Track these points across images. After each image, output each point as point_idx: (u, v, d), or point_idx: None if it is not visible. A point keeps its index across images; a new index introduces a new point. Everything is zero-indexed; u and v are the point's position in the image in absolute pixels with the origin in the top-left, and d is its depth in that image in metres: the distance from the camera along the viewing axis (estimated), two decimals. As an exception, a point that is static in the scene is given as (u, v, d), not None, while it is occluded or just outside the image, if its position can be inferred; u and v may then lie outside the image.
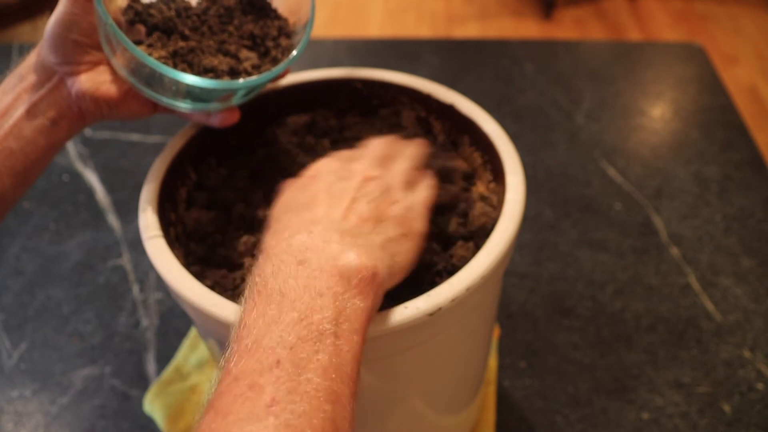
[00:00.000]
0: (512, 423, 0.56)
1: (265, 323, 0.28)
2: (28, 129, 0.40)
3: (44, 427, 0.58)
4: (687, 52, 1.00)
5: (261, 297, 0.29)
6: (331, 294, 0.29)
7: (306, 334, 0.27)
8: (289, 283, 0.29)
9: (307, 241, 0.31)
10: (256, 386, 0.26)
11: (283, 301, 0.28)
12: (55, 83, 0.41)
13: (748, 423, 0.54)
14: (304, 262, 0.30)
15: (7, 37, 1.97)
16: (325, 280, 0.29)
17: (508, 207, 0.39)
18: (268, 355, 0.27)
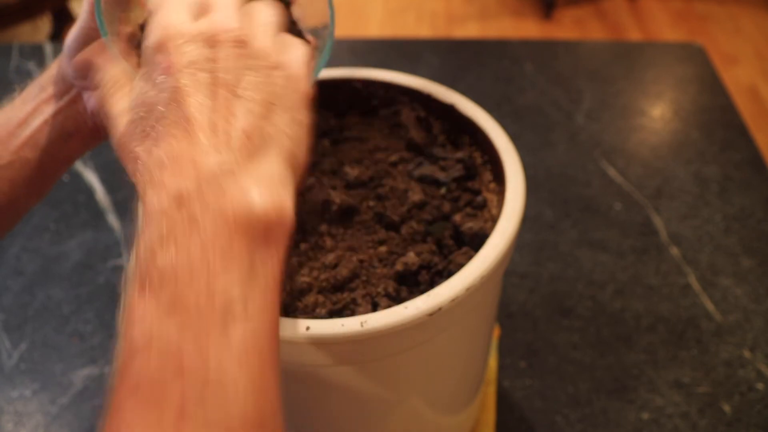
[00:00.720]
0: (512, 423, 0.56)
1: (159, 305, 0.24)
2: (44, 140, 0.40)
3: (44, 427, 0.58)
4: (687, 52, 1.00)
5: (152, 270, 0.24)
6: (236, 255, 0.25)
7: (211, 311, 0.24)
8: (182, 253, 0.24)
9: (193, 195, 0.25)
10: (161, 392, 0.22)
11: (177, 275, 0.24)
12: (73, 96, 0.41)
13: (748, 423, 0.54)
14: (196, 222, 0.25)
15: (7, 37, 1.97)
16: (226, 241, 0.25)
17: (507, 207, 0.39)
18: (168, 347, 0.23)
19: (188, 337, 0.23)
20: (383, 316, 0.33)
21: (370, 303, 0.38)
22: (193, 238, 0.24)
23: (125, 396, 0.23)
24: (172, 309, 0.23)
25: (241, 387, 0.23)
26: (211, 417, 0.22)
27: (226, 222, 0.25)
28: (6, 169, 0.39)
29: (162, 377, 0.23)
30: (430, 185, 0.46)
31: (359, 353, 0.35)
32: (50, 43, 1.09)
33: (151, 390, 0.23)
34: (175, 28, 0.29)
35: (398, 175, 0.46)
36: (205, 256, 0.24)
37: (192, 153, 0.26)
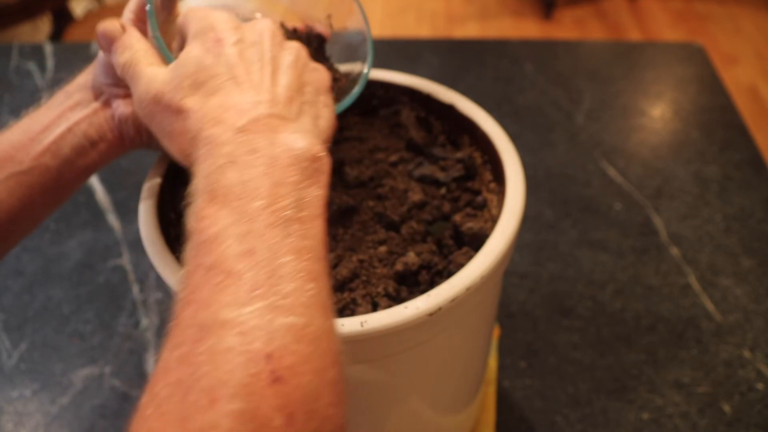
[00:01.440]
0: (512, 423, 0.56)
1: (230, 213, 0.27)
2: (66, 147, 0.40)
3: (44, 427, 0.58)
4: (687, 52, 1.00)
5: (220, 186, 0.28)
6: (290, 183, 0.28)
7: (273, 220, 0.27)
8: (247, 173, 0.28)
9: (253, 130, 0.30)
10: (233, 274, 0.25)
11: (244, 190, 0.27)
12: (101, 104, 0.41)
13: (748, 423, 0.54)
14: (256, 151, 0.29)
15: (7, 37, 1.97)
16: (282, 170, 0.28)
17: (507, 207, 0.39)
18: (239, 243, 0.26)
19: (256, 237, 0.26)
20: (383, 316, 0.33)
21: (370, 303, 0.38)
22: (257, 162, 0.28)
23: (200, 279, 0.25)
24: (241, 216, 0.26)
25: (304, 279, 0.26)
26: (280, 300, 0.25)
27: (283, 152, 0.29)
28: (25, 174, 0.39)
29: (236, 262, 0.25)
30: (430, 185, 0.46)
31: (359, 353, 0.35)
32: (50, 43, 1.09)
33: (225, 272, 0.25)
34: (224, 20, 0.34)
35: (398, 175, 0.46)
36: (267, 176, 0.28)
37: (247, 102, 0.31)
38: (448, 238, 0.42)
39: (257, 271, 0.25)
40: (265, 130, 0.30)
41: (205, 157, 0.29)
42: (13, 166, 0.38)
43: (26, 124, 0.40)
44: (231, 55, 0.32)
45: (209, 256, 0.26)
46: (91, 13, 2.18)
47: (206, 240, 0.26)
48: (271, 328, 0.24)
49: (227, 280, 0.25)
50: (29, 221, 0.41)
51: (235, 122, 0.30)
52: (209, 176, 0.28)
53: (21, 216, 0.39)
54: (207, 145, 0.30)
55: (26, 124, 0.40)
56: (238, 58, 0.32)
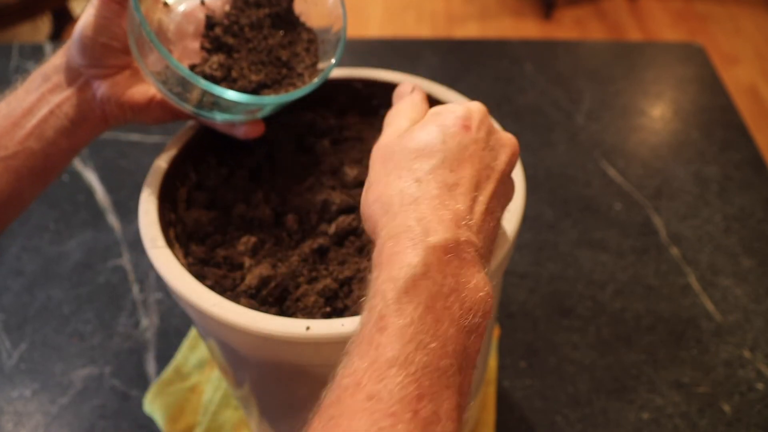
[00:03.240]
0: (512, 423, 0.56)
1: (403, 343, 0.24)
2: (50, 130, 0.40)
3: (44, 427, 0.58)
4: (687, 52, 1.00)
5: (409, 298, 0.25)
6: (465, 329, 0.26)
7: (439, 367, 0.25)
8: (438, 300, 0.26)
9: (449, 249, 0.27)
10: (394, 415, 0.23)
11: (426, 318, 0.25)
12: (81, 85, 0.41)
13: (748, 423, 0.54)
14: (445, 276, 0.26)
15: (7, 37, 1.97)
16: (464, 311, 0.26)
17: (507, 207, 0.39)
18: (406, 387, 0.24)
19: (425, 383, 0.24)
20: (383, 316, 0.33)
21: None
22: (442, 292, 0.26)
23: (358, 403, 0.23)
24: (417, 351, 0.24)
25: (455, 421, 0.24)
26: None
27: (463, 296, 0.26)
28: (11, 159, 0.39)
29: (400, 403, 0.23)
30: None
31: (359, 353, 0.35)
32: (50, 43, 1.09)
33: (388, 413, 0.23)
34: (480, 108, 0.33)
35: (398, 175, 0.46)
36: (447, 316, 0.26)
37: (449, 216, 0.28)
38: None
39: (413, 423, 0.23)
40: (455, 261, 0.27)
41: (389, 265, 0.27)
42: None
43: (5, 108, 0.40)
44: (466, 147, 0.31)
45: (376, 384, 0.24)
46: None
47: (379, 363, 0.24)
48: None
49: (384, 420, 0.23)
50: (19, 204, 0.41)
51: (436, 240, 0.27)
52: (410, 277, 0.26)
53: (10, 200, 0.40)
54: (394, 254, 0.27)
55: (6, 109, 0.40)
56: (473, 156, 0.31)
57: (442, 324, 0.25)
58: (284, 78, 0.43)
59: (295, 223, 0.44)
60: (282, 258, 0.41)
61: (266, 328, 0.33)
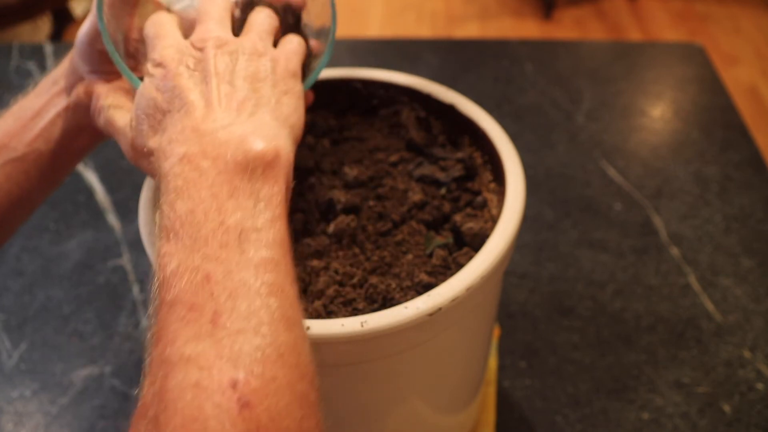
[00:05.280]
0: (512, 423, 0.56)
1: (184, 245, 0.27)
2: (57, 132, 0.40)
3: (44, 427, 0.58)
4: (687, 52, 1.00)
5: (173, 220, 0.28)
6: (241, 192, 0.28)
7: (226, 240, 0.27)
8: (194, 199, 0.28)
9: (193, 154, 0.29)
10: (194, 307, 0.25)
11: (194, 218, 0.27)
12: (84, 90, 0.41)
13: (748, 423, 0.54)
14: (202, 171, 0.29)
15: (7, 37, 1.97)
16: (230, 181, 0.28)
17: (507, 207, 0.39)
18: (196, 274, 0.26)
19: (211, 262, 0.26)
20: (383, 316, 0.33)
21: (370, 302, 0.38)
22: (201, 184, 0.28)
23: (165, 315, 0.26)
24: (194, 244, 0.27)
25: (264, 295, 0.26)
26: (241, 323, 0.25)
27: (226, 165, 0.29)
28: (21, 161, 0.40)
29: (194, 294, 0.26)
30: (430, 185, 0.46)
31: (359, 353, 0.35)
32: (50, 43, 1.09)
33: (186, 306, 0.25)
34: (169, 46, 0.34)
35: (398, 175, 0.46)
36: (214, 196, 0.28)
37: (193, 124, 0.30)
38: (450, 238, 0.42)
39: (215, 298, 0.25)
40: (209, 144, 0.29)
41: (162, 194, 0.29)
42: (8, 153, 0.39)
43: (17, 111, 0.41)
44: (177, 85, 0.32)
45: (170, 292, 0.26)
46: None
47: (167, 276, 0.27)
48: (232, 355, 0.24)
49: (189, 314, 0.25)
50: (28, 205, 0.42)
51: (181, 149, 0.30)
52: (164, 213, 0.29)
53: (20, 200, 0.40)
54: (162, 181, 0.30)
55: (17, 112, 0.41)
56: (187, 83, 0.32)
57: (210, 207, 0.28)
58: None
59: (300, 223, 0.44)
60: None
61: (266, 328, 0.33)
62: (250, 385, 0.23)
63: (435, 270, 0.40)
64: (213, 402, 0.23)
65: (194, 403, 0.23)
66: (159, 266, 0.28)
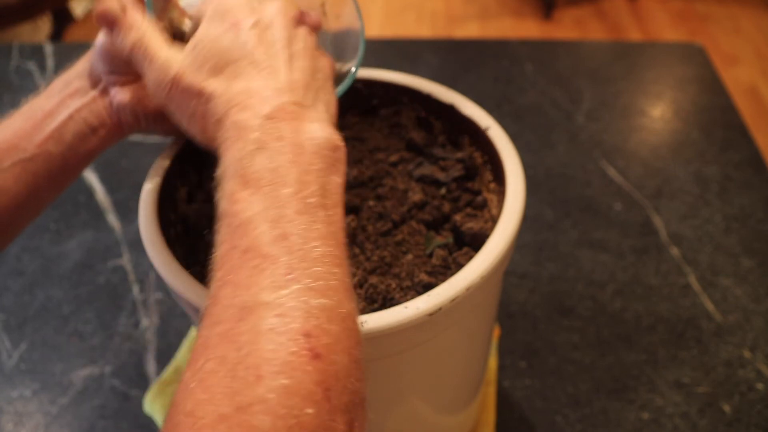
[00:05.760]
0: (512, 423, 0.56)
1: (263, 198, 0.28)
2: (68, 134, 0.40)
3: (44, 427, 0.58)
4: (687, 52, 1.00)
5: (252, 170, 0.29)
6: (314, 171, 0.29)
7: (301, 207, 0.28)
8: (276, 160, 0.29)
9: (279, 117, 0.31)
10: (269, 257, 0.26)
11: (274, 176, 0.28)
12: (99, 92, 0.41)
13: (748, 423, 0.54)
14: (282, 138, 0.30)
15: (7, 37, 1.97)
16: (307, 158, 0.30)
17: (507, 207, 0.39)
18: (272, 228, 0.27)
19: (288, 223, 0.27)
20: (383, 316, 0.33)
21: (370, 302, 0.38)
22: (283, 150, 0.29)
23: (238, 260, 0.27)
24: (273, 202, 0.28)
25: (330, 264, 0.27)
26: (313, 283, 0.26)
27: (303, 142, 0.30)
28: (30, 162, 0.39)
29: (270, 246, 0.26)
30: (430, 185, 0.46)
31: (359, 353, 0.35)
32: (50, 43, 1.09)
33: (262, 255, 0.26)
34: (237, 2, 0.34)
35: (398, 175, 0.46)
36: (294, 165, 0.29)
37: (269, 88, 0.31)
38: (450, 238, 0.42)
39: (290, 255, 0.26)
40: (289, 118, 0.31)
41: (234, 141, 0.30)
42: (17, 153, 0.39)
43: (27, 112, 0.41)
44: (249, 38, 0.33)
45: (244, 239, 0.27)
46: (91, 13, 2.18)
47: (241, 223, 0.27)
48: (307, 309, 0.25)
49: (264, 263, 0.26)
50: (35, 207, 0.42)
51: (262, 109, 0.30)
52: (240, 161, 0.29)
53: (27, 202, 0.40)
54: (235, 130, 0.30)
55: (27, 113, 0.41)
56: (257, 42, 0.33)
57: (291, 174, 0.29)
58: None
59: None
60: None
61: (266, 328, 0.33)
62: (320, 340, 0.24)
63: (435, 270, 0.40)
64: (288, 349, 0.24)
65: (268, 346, 0.24)
66: (231, 211, 0.28)
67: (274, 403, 0.22)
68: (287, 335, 0.24)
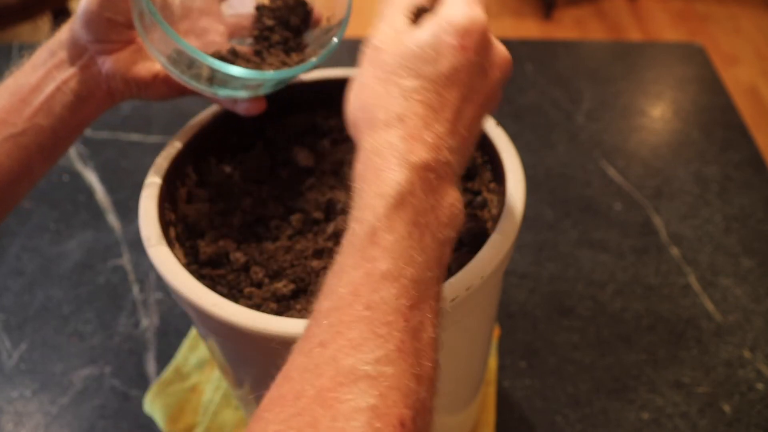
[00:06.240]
0: (512, 423, 0.56)
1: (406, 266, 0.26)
2: (57, 106, 0.40)
3: (44, 427, 0.58)
4: (687, 52, 1.00)
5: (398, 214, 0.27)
6: (441, 242, 0.28)
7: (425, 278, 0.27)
8: (420, 216, 0.28)
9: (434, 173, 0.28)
10: (390, 325, 0.25)
11: (414, 233, 0.27)
12: (86, 61, 0.41)
13: (748, 423, 0.54)
14: (435, 199, 0.28)
15: (7, 37, 1.97)
16: (441, 225, 0.28)
17: (507, 207, 0.39)
18: (405, 299, 0.26)
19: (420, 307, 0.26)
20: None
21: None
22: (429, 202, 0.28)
23: (356, 316, 0.25)
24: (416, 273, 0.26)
25: (434, 348, 0.26)
26: (417, 368, 0.25)
27: (439, 210, 0.28)
28: (20, 136, 0.39)
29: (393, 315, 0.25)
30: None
31: (359, 353, 0.35)
32: (50, 43, 1.09)
33: (383, 321, 0.25)
34: (481, 24, 0.30)
35: (398, 175, 0.46)
36: (427, 222, 0.28)
37: (431, 138, 0.29)
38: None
39: (411, 334, 0.25)
40: (441, 174, 0.29)
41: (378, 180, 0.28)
42: (7, 128, 0.39)
43: (13, 86, 0.40)
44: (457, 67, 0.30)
45: (373, 295, 0.25)
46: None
47: (381, 274, 0.26)
48: (407, 393, 0.24)
49: (382, 329, 0.25)
50: (28, 180, 0.41)
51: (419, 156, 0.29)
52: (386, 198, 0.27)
53: (20, 176, 0.40)
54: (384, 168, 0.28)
55: (13, 87, 0.40)
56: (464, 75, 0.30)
57: (425, 238, 0.27)
58: (289, 56, 0.44)
59: (299, 222, 0.44)
60: (283, 257, 0.41)
61: (266, 328, 0.33)
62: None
63: None
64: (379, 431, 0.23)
65: (366, 427, 0.22)
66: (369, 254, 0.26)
67: None
68: (385, 419, 0.23)
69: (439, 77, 0.29)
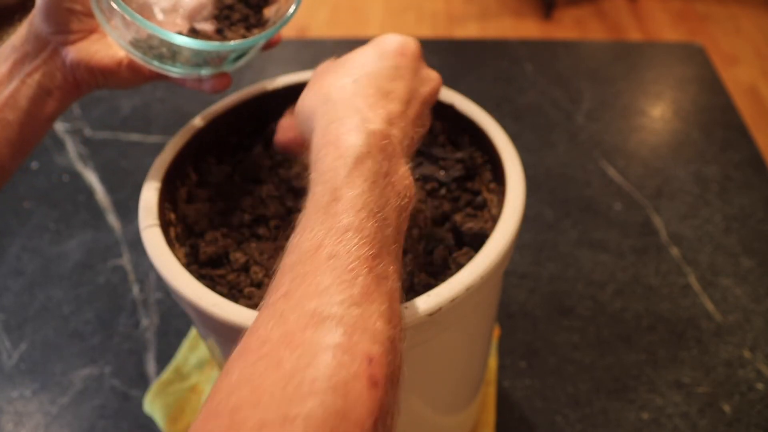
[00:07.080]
0: (512, 423, 0.56)
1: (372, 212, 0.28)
2: (23, 100, 0.40)
3: (44, 427, 0.58)
4: (687, 52, 1.00)
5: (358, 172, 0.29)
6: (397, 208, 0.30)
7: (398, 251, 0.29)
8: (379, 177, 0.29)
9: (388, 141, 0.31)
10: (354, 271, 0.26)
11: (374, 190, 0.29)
12: (49, 53, 0.41)
13: (748, 423, 0.54)
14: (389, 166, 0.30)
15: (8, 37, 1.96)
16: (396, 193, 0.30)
17: (507, 207, 0.39)
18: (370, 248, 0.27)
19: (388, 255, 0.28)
20: (383, 316, 0.33)
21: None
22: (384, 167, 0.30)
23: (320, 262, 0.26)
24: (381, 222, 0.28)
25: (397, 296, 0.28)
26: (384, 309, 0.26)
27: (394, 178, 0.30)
28: None
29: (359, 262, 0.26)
30: (430, 185, 0.46)
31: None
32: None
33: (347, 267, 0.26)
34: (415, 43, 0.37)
35: (398, 175, 0.46)
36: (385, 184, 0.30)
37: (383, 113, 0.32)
38: (449, 238, 0.42)
39: (377, 278, 0.26)
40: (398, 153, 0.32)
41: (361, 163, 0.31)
42: None
43: None
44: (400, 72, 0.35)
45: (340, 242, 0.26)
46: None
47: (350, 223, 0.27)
48: (374, 332, 0.25)
49: (347, 275, 0.25)
50: (0, 175, 0.41)
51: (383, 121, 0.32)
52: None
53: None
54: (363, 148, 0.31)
55: None
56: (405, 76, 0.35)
57: (384, 198, 0.29)
58: (250, 32, 0.44)
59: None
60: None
61: (266, 328, 0.33)
62: (381, 369, 0.24)
63: (435, 270, 0.40)
64: (350, 370, 0.23)
65: (333, 362, 0.23)
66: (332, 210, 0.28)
67: (321, 421, 0.21)
68: (351, 355, 0.23)
69: (384, 70, 0.34)
